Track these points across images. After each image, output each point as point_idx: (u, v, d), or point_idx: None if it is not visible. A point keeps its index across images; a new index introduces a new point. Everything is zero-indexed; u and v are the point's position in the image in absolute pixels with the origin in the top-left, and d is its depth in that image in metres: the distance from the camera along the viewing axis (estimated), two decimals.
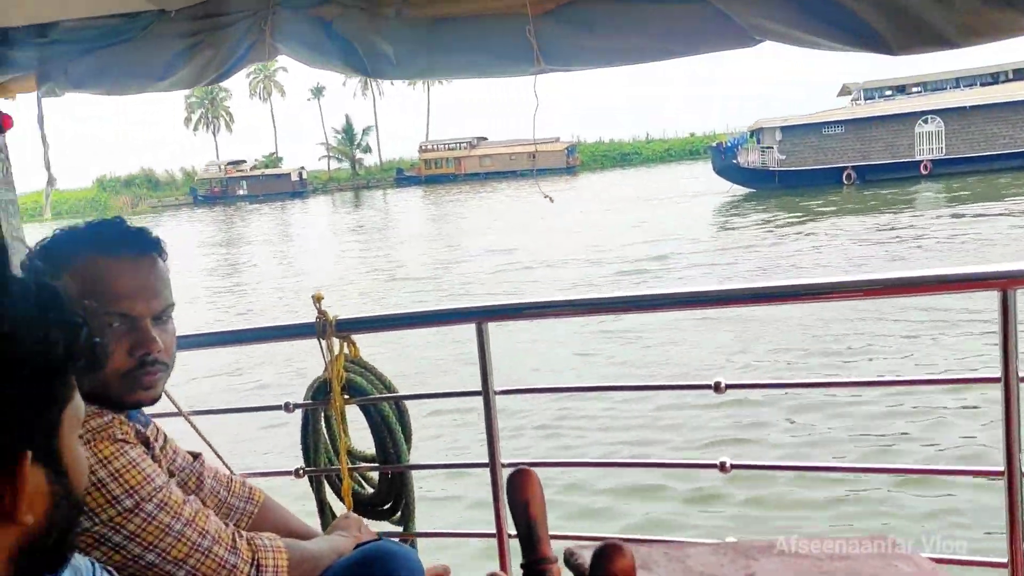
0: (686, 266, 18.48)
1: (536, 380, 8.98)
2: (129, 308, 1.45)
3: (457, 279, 19.40)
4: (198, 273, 24.18)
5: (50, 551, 0.82)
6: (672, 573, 1.06)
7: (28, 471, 0.75)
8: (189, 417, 2.35)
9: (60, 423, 0.80)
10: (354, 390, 2.38)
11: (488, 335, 2.28)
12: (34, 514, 0.77)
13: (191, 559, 1.41)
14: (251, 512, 1.83)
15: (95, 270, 1.44)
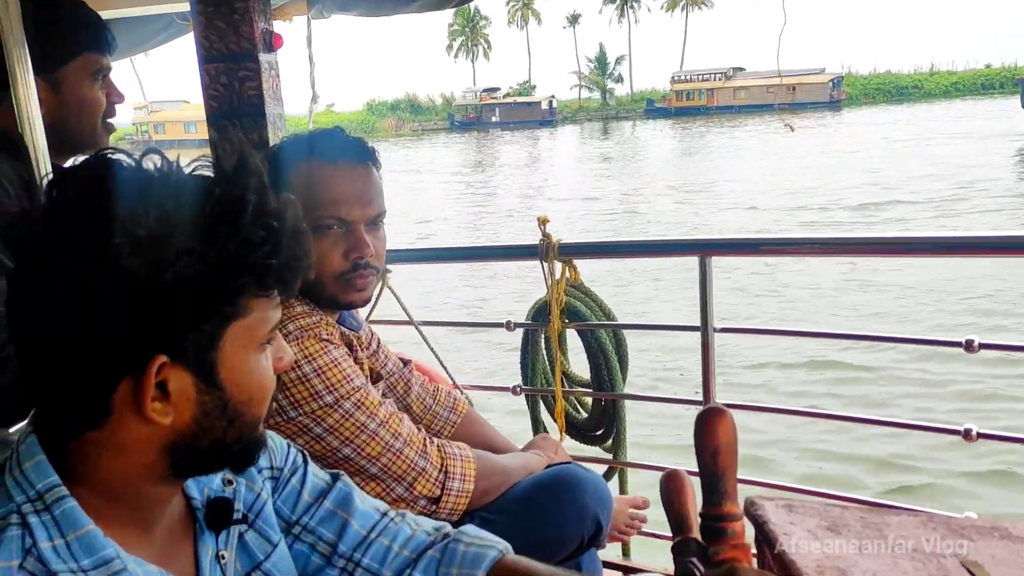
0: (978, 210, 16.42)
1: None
2: (346, 213, 1.53)
3: (694, 218, 18.84)
4: (447, 193, 25.38)
5: (210, 455, 0.84)
6: (865, 539, 0.95)
7: (169, 374, 0.77)
8: (419, 326, 2.50)
9: (220, 338, 0.80)
10: (572, 314, 2.40)
11: (711, 270, 2.20)
12: (179, 418, 0.80)
13: (383, 458, 1.49)
14: (454, 422, 1.91)
15: (316, 176, 1.53)
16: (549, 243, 2.34)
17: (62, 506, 0.78)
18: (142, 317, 0.75)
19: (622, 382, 2.44)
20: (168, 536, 0.90)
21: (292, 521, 1.04)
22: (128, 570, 0.79)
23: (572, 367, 2.54)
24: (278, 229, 0.81)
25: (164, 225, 0.74)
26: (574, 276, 2.40)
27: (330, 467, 1.47)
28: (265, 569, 0.98)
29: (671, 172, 28.32)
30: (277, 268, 0.81)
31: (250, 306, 0.81)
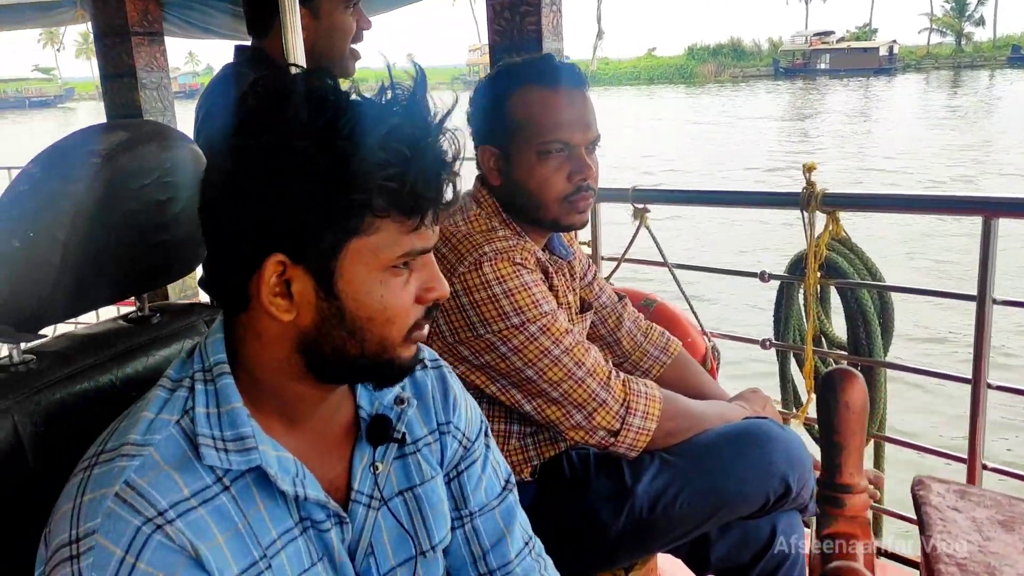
0: None
1: None
2: (568, 137, 1.56)
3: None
4: (762, 144, 24.31)
5: (336, 363, 0.88)
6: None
7: (293, 275, 0.83)
8: (672, 269, 2.50)
9: (341, 250, 0.83)
10: (833, 271, 2.26)
11: (996, 233, 1.97)
12: (302, 319, 0.85)
13: (564, 384, 1.51)
14: (663, 362, 1.90)
15: (538, 99, 1.57)
16: (812, 192, 2.20)
17: (222, 381, 0.86)
18: (263, 217, 0.81)
19: (883, 349, 2.27)
20: (325, 435, 0.96)
21: (466, 508, 1.09)
22: (260, 451, 0.85)
23: (833, 328, 2.41)
24: (409, 157, 0.81)
25: (296, 132, 0.79)
26: (836, 229, 2.25)
27: (514, 387, 1.53)
28: (416, 493, 1.03)
29: None
30: (402, 194, 0.82)
31: (376, 226, 0.83)
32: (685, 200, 2.55)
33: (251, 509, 0.86)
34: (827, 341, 2.39)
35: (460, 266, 1.51)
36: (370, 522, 0.97)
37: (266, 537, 0.86)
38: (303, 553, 0.90)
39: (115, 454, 0.81)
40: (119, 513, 0.77)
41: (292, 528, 0.89)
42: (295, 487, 0.88)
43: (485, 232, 1.58)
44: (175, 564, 0.78)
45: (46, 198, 0.96)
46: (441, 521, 1.05)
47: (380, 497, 0.98)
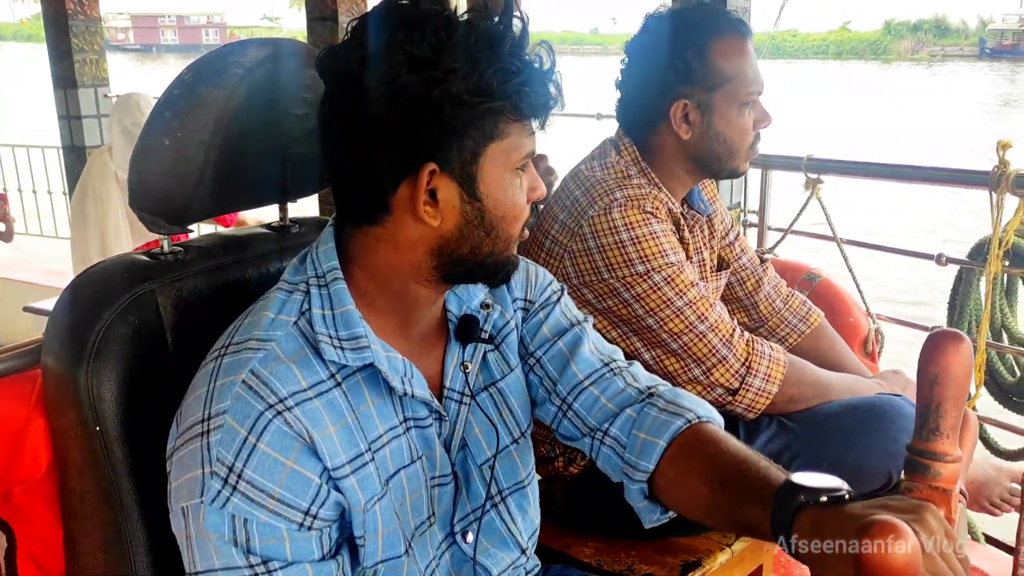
0: None
1: None
2: (759, 87, 1.60)
3: None
4: None
5: (467, 263, 0.95)
6: None
7: (438, 182, 0.89)
8: (841, 245, 2.40)
9: (481, 154, 0.90)
10: (1020, 259, 2.11)
11: None
12: (445, 223, 0.91)
13: (684, 336, 1.51)
14: (801, 331, 1.85)
15: (739, 49, 1.58)
16: (1004, 171, 2.04)
17: (336, 286, 0.93)
18: (416, 128, 0.87)
19: None
20: (423, 337, 1.02)
21: (529, 351, 1.13)
22: (372, 350, 0.92)
23: (1018, 323, 2.25)
24: (530, 64, 0.90)
25: (436, 50, 0.86)
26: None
27: (634, 334, 1.54)
28: (499, 387, 1.09)
29: None
30: (530, 98, 0.90)
31: (507, 130, 0.91)
32: (862, 172, 2.44)
33: (360, 405, 0.93)
34: (1008, 336, 2.24)
35: (591, 209, 1.53)
36: (463, 417, 1.04)
37: (373, 432, 0.94)
38: (405, 449, 0.97)
39: (242, 347, 0.90)
40: (246, 398, 0.86)
41: (397, 426, 0.96)
42: (404, 385, 0.95)
43: (619, 179, 1.59)
44: (291, 448, 0.86)
45: (194, 102, 1.04)
46: (525, 408, 1.12)
47: (470, 393, 1.05)
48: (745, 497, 0.87)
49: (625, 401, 1.09)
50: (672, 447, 1.01)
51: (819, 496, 0.76)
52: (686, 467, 0.99)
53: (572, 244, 1.56)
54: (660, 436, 1.01)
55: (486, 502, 1.06)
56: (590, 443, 1.10)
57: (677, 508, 1.03)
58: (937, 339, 0.72)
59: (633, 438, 1.04)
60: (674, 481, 1.01)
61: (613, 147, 1.68)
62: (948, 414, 0.73)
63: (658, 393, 1.09)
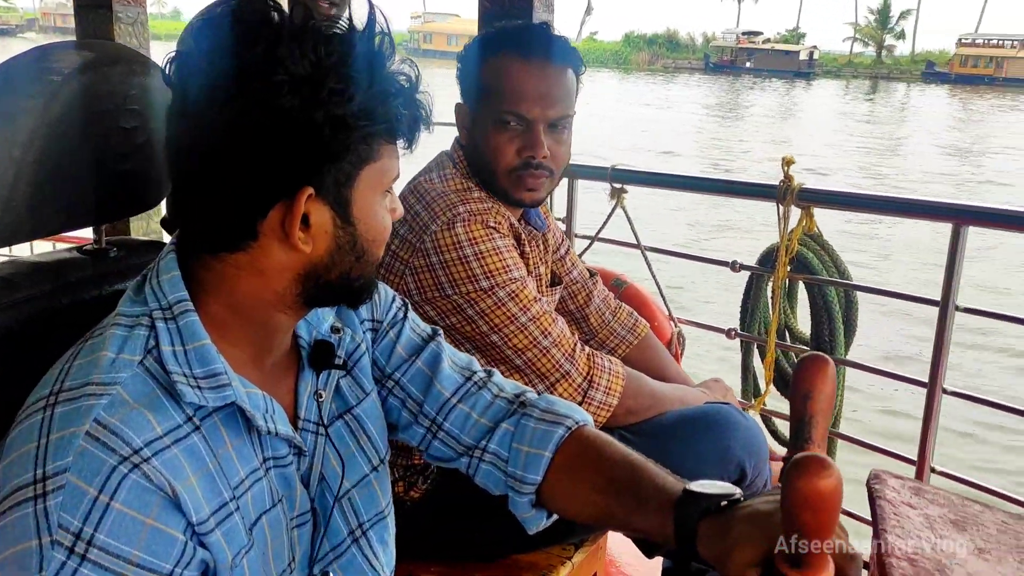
0: None
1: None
2: (526, 110, 1.53)
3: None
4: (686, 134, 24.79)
5: (334, 288, 0.91)
6: (993, 543, 0.88)
7: (312, 207, 0.84)
8: (645, 252, 2.50)
9: (356, 177, 0.86)
10: (802, 266, 2.29)
11: (965, 240, 2.02)
12: (316, 248, 0.86)
13: (528, 352, 1.51)
14: (630, 342, 1.90)
15: (504, 69, 1.55)
16: (789, 186, 2.22)
17: (186, 319, 0.85)
18: (294, 150, 0.81)
19: (844, 347, 2.32)
20: (275, 367, 0.96)
21: (386, 374, 1.09)
22: (232, 387, 0.85)
23: (798, 322, 2.45)
24: (408, 85, 0.88)
25: (318, 68, 0.80)
26: (810, 225, 2.28)
27: (477, 351, 1.51)
28: (355, 414, 1.04)
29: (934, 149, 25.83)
30: (406, 119, 0.88)
31: (381, 152, 0.88)
32: (664, 183, 2.55)
33: (220, 448, 0.86)
34: (791, 335, 2.43)
35: (433, 224, 1.49)
36: (319, 450, 0.99)
37: (235, 477, 0.86)
38: (266, 493, 0.90)
39: (79, 393, 0.79)
40: (93, 452, 0.75)
41: (258, 468, 0.90)
42: (267, 423, 0.89)
43: (460, 192, 1.56)
44: (150, 503, 0.77)
45: (1, 114, 0.92)
46: (383, 433, 1.08)
47: (324, 423, 1.00)
48: (643, 506, 0.90)
49: (498, 414, 1.08)
50: (558, 457, 1.02)
51: (719, 502, 0.81)
52: (575, 476, 1.01)
53: (414, 260, 1.51)
54: (544, 447, 1.02)
55: (347, 538, 1.01)
56: (467, 461, 1.08)
57: (566, 514, 1.05)
58: (808, 361, 0.79)
59: (515, 452, 1.04)
60: (564, 490, 1.02)
61: (450, 160, 1.64)
62: (819, 425, 0.79)
63: (530, 402, 1.08)
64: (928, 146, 25.87)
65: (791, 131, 29.34)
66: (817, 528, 0.62)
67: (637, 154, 17.95)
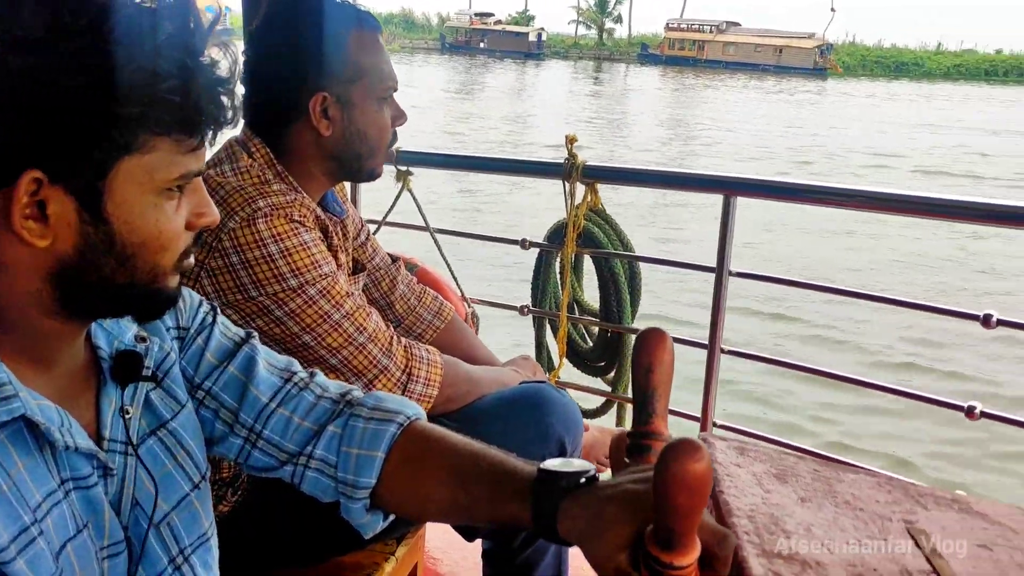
0: None
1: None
2: (395, 83, 1.56)
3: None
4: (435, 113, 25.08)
5: (99, 293, 0.80)
6: (810, 491, 0.91)
7: (49, 195, 0.74)
8: (434, 234, 2.45)
9: (111, 168, 0.75)
10: (589, 240, 2.36)
11: (735, 210, 2.17)
12: (60, 244, 0.76)
13: (344, 350, 1.44)
14: (437, 327, 1.87)
15: (373, 43, 1.52)
16: (574, 163, 2.27)
17: None
18: (16, 125, 0.71)
19: (631, 315, 2.41)
20: (69, 380, 0.86)
21: (196, 384, 0.99)
22: (20, 397, 0.76)
23: (586, 295, 2.51)
24: (192, 68, 0.76)
25: (53, 30, 0.70)
26: (595, 201, 2.35)
27: (288, 353, 1.39)
28: (171, 428, 0.94)
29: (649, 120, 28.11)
30: (184, 109, 0.76)
31: (152, 144, 0.76)
32: (450, 165, 2.50)
33: (12, 469, 0.76)
34: (580, 308, 2.50)
35: (230, 221, 1.37)
36: (130, 472, 0.89)
37: (32, 500, 0.77)
38: (68, 518, 0.80)
39: None
40: None
41: (56, 490, 0.79)
42: (63, 437, 0.79)
43: (258, 185, 1.44)
44: None
45: None
46: (202, 447, 0.99)
47: (132, 442, 0.90)
48: (496, 493, 0.86)
49: (322, 416, 1.00)
50: (392, 456, 0.95)
51: (579, 479, 0.78)
52: (415, 473, 0.95)
53: (210, 261, 1.38)
54: (376, 447, 0.95)
55: (168, 566, 0.91)
56: (292, 470, 0.99)
57: (409, 514, 1.01)
58: (647, 334, 0.79)
59: (345, 455, 0.96)
60: (404, 490, 0.96)
61: (243, 149, 1.50)
62: (661, 398, 0.79)
63: (357, 401, 1.02)
64: (649, 119, 28.07)
65: (531, 108, 30.58)
66: (689, 509, 0.62)
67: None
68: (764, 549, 0.78)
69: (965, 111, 38.45)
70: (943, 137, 25.92)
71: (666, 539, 0.64)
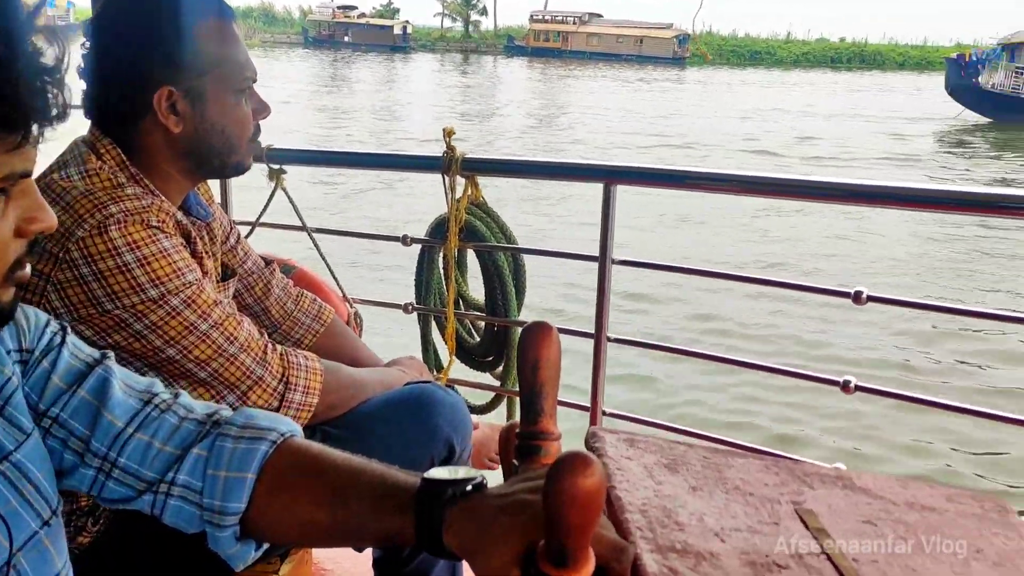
0: None
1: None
2: (253, 73, 1.47)
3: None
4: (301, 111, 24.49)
5: None
6: (701, 479, 0.91)
7: None
8: (311, 233, 2.36)
9: None
10: (471, 234, 2.33)
11: (615, 198, 2.18)
12: None
13: (214, 362, 1.36)
14: (316, 330, 1.79)
15: (226, 32, 1.43)
16: (452, 156, 2.23)
17: None
18: None
19: (517, 308, 2.40)
20: None
21: (41, 411, 0.91)
22: None
23: (471, 290, 2.48)
24: (9, 57, 0.70)
25: None
26: (476, 194, 2.32)
27: (151, 368, 1.33)
28: (14, 461, 0.85)
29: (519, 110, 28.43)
30: (1, 103, 0.70)
31: None
32: (325, 162, 2.41)
33: None
34: (465, 304, 2.46)
35: (79, 230, 1.26)
36: None
37: None
38: None
39: None
40: None
41: None
42: None
43: (110, 189, 1.33)
44: None
45: None
46: (53, 479, 0.90)
47: None
48: (378, 509, 0.81)
49: (187, 439, 0.92)
50: (265, 477, 0.88)
51: (465, 487, 0.75)
52: (290, 494, 0.88)
53: (57, 273, 1.26)
54: (246, 468, 0.88)
55: None
56: (151, 499, 0.91)
57: (284, 539, 0.96)
58: (532, 329, 0.77)
59: (212, 479, 0.88)
60: (278, 513, 0.88)
61: (91, 150, 1.38)
62: (549, 395, 0.78)
63: (225, 420, 0.94)
64: (518, 111, 28.32)
65: (401, 101, 30.29)
66: (581, 526, 0.60)
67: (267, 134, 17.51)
68: (658, 544, 0.76)
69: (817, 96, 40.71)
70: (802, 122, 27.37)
71: (559, 555, 0.62)
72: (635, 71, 57.03)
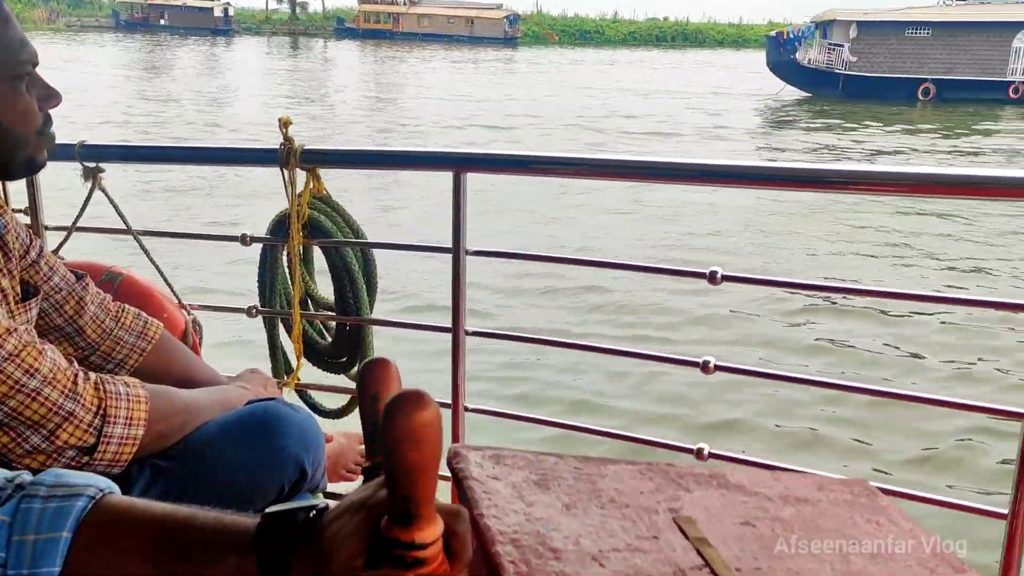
0: None
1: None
2: (32, 57, 1.29)
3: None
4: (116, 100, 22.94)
5: None
6: (574, 494, 0.87)
7: None
8: (138, 236, 2.16)
9: None
10: (316, 230, 2.20)
11: (465, 187, 2.11)
12: None
13: (11, 400, 1.19)
14: (142, 349, 1.61)
15: (3, 10, 1.26)
16: (291, 148, 2.09)
17: None
18: None
19: (368, 306, 2.29)
20: None
21: None
22: None
23: (319, 289, 2.35)
24: None
25: None
26: (318, 187, 2.19)
27: None
28: None
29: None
30: None
31: None
32: (149, 158, 2.20)
33: None
34: (314, 303, 2.33)
35: None
36: None
37: None
38: None
39: None
40: None
41: None
42: None
43: None
44: None
45: None
46: None
47: None
48: (214, 553, 0.76)
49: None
50: (81, 536, 0.78)
51: (308, 513, 0.72)
52: (112, 551, 0.79)
53: None
54: (59, 528, 0.78)
55: None
56: None
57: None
58: (370, 366, 0.75)
59: (19, 546, 0.77)
60: (97, 572, 0.79)
61: None
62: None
63: (30, 482, 0.82)
64: (354, 95, 27.74)
65: (227, 89, 28.94)
66: (423, 466, 0.60)
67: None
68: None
69: (643, 73, 42.18)
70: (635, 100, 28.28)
71: (404, 512, 0.61)
72: (467, 51, 57.19)
